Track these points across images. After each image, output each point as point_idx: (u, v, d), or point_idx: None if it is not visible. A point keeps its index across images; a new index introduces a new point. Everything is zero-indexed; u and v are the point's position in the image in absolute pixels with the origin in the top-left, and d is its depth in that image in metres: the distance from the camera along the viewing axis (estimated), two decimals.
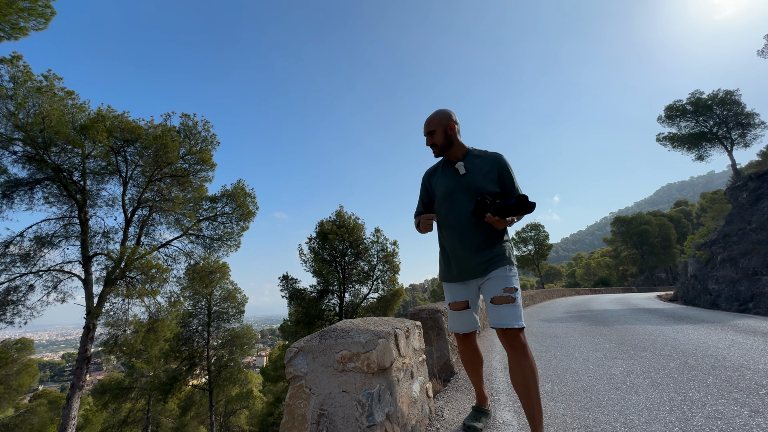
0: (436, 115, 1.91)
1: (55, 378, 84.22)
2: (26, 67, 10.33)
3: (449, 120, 1.89)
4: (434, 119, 1.90)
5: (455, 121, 1.91)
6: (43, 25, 8.59)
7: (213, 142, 13.76)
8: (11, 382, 18.66)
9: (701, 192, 58.84)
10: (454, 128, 1.90)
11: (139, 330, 11.96)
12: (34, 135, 10.39)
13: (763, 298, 8.58)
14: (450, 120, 1.89)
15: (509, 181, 1.86)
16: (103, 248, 12.25)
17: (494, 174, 1.84)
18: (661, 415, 2.11)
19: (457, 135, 1.92)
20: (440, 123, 1.89)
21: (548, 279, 65.53)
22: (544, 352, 4.38)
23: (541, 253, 40.51)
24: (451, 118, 1.90)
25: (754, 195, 12.62)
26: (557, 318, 8.48)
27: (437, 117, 1.90)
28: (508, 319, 1.67)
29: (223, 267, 18.51)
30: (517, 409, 2.43)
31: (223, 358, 20.21)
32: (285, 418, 1.36)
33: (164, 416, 22.54)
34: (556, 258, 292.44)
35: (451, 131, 1.89)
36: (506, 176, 1.85)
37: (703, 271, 12.15)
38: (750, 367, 2.99)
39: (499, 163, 1.85)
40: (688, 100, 23.72)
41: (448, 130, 1.89)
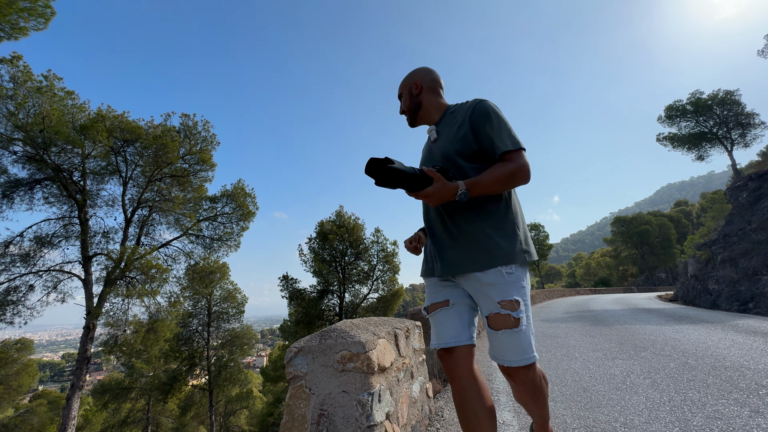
0: (405, 78, 1.51)
1: (55, 378, 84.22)
2: (26, 67, 10.34)
3: (413, 78, 1.46)
4: (402, 82, 1.50)
5: (421, 78, 1.44)
6: (43, 25, 8.60)
7: (213, 142, 13.77)
8: (11, 382, 18.66)
9: (701, 192, 58.87)
10: (420, 86, 1.43)
11: (139, 330, 11.96)
12: (34, 135, 10.39)
13: (764, 298, 8.58)
14: (414, 77, 1.45)
15: (487, 133, 1.23)
16: (103, 248, 12.25)
17: (466, 128, 1.27)
18: (662, 416, 2.11)
19: (430, 94, 1.43)
20: (405, 84, 1.47)
21: (548, 279, 65.53)
22: (545, 352, 4.38)
23: (541, 253, 40.49)
24: (417, 74, 1.46)
25: (754, 195, 12.62)
26: (557, 318, 8.48)
27: (404, 79, 1.50)
28: (507, 353, 1.18)
29: (223, 267, 18.50)
30: (518, 409, 2.43)
31: (223, 359, 20.21)
32: (285, 418, 1.36)
33: (164, 416, 22.54)
34: (556, 258, 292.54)
35: (417, 90, 1.43)
36: (482, 129, 1.23)
37: (703, 271, 12.15)
38: (750, 367, 2.98)
39: (473, 111, 1.27)
40: (689, 100, 23.74)
41: (413, 89, 1.44)
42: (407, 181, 1.12)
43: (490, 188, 1.16)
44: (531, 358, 1.18)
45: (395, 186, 1.13)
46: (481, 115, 1.25)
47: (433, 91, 1.44)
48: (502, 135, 1.21)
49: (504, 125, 1.23)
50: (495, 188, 1.17)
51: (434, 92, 1.45)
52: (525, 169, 1.18)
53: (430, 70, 1.47)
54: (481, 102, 1.28)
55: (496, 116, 1.24)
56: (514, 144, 1.19)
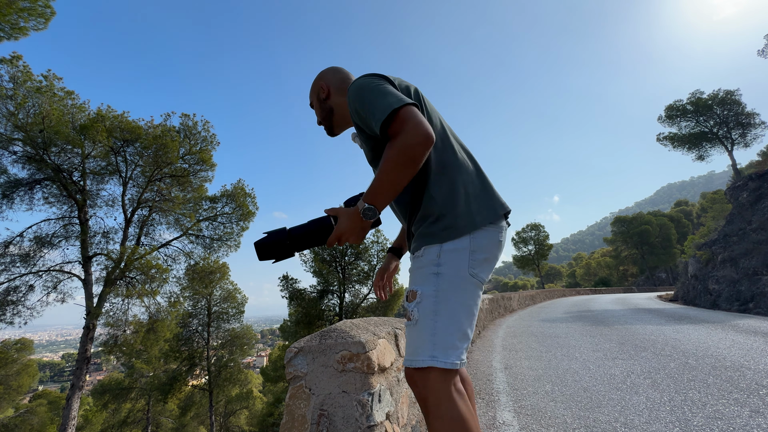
0: (312, 84, 1.28)
1: (55, 378, 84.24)
2: (26, 67, 10.34)
3: (319, 82, 1.24)
4: (310, 89, 1.28)
5: (327, 79, 1.23)
6: (43, 25, 8.60)
7: (213, 142, 13.77)
8: (11, 383, 18.66)
9: (701, 192, 58.90)
10: (327, 89, 1.22)
11: (139, 330, 11.96)
12: (33, 135, 10.39)
13: (764, 298, 8.58)
14: (319, 81, 1.24)
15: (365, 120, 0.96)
16: (103, 248, 12.26)
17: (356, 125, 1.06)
18: (662, 416, 2.10)
19: (340, 95, 1.20)
20: (312, 91, 1.27)
21: (548, 279, 65.55)
22: (545, 352, 4.38)
23: (541, 253, 40.55)
24: (322, 77, 1.24)
25: (755, 195, 12.62)
26: (557, 318, 8.48)
27: (311, 85, 1.28)
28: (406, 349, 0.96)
29: (223, 267, 18.50)
30: (518, 409, 2.43)
31: (223, 359, 20.21)
32: (285, 419, 1.35)
33: (164, 416, 22.55)
34: (557, 258, 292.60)
35: (324, 94, 1.22)
36: (360, 117, 0.99)
37: (703, 271, 12.15)
38: (750, 367, 2.98)
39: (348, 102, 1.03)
40: (689, 99, 23.74)
41: (321, 94, 1.23)
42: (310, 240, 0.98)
43: (387, 187, 0.87)
44: (415, 362, 0.90)
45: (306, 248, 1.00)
46: (352, 102, 1.00)
47: (344, 91, 1.20)
48: (374, 109, 0.90)
49: (374, 96, 0.92)
50: (392, 183, 0.86)
51: (345, 92, 1.20)
52: (409, 136, 0.83)
53: (336, 68, 1.26)
54: (351, 89, 1.01)
55: (361, 91, 0.96)
56: (384, 110, 0.87)
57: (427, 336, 0.90)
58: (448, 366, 0.88)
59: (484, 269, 0.97)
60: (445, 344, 0.89)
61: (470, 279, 0.94)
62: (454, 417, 0.85)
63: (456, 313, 0.92)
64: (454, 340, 0.90)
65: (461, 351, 0.91)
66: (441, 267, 0.93)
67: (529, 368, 3.57)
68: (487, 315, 7.82)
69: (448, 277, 0.93)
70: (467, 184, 1.00)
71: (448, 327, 0.91)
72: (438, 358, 0.88)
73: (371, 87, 0.95)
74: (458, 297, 0.93)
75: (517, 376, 3.32)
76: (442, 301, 0.92)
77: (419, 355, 0.90)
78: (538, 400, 2.59)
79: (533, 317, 9.11)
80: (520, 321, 8.40)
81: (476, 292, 0.96)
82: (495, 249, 0.99)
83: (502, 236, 1.01)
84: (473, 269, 0.94)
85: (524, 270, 43.30)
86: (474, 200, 0.98)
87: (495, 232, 0.98)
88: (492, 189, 1.05)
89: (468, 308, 0.94)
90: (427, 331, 0.91)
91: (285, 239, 0.97)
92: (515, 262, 42.62)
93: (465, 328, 0.93)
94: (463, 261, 0.94)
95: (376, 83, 0.96)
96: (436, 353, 0.88)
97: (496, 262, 1.03)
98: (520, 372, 3.45)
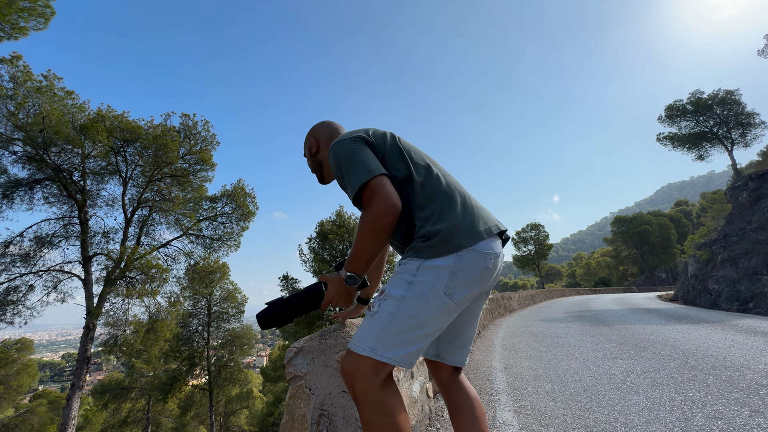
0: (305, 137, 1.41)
1: (55, 378, 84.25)
2: (26, 67, 10.34)
3: (310, 137, 1.36)
4: (304, 142, 1.41)
5: (318, 135, 1.35)
6: (42, 25, 8.60)
7: (213, 142, 13.77)
8: (11, 382, 18.67)
9: (701, 192, 58.91)
10: (318, 144, 1.34)
11: (139, 330, 11.97)
12: (34, 135, 10.39)
13: (764, 298, 8.58)
14: (311, 137, 1.36)
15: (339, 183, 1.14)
16: (103, 248, 12.26)
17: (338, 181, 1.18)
18: (662, 415, 2.11)
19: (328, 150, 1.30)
20: (306, 144, 1.40)
21: (548, 279, 65.57)
22: (545, 352, 4.38)
23: (541, 253, 40.54)
24: (313, 132, 1.36)
25: (755, 195, 12.62)
26: (557, 318, 8.48)
27: (305, 138, 1.40)
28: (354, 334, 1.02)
29: (223, 267, 18.52)
30: (518, 409, 2.43)
31: (223, 358, 20.23)
32: (285, 418, 1.36)
33: (164, 416, 22.56)
34: (557, 258, 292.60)
35: (315, 149, 1.34)
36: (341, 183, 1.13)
37: (703, 271, 12.15)
38: (750, 367, 2.98)
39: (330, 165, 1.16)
40: (689, 99, 23.75)
41: (312, 148, 1.35)
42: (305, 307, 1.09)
43: (363, 255, 0.97)
44: (356, 347, 0.95)
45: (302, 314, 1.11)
46: (332, 165, 1.12)
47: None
48: (347, 179, 1.02)
49: (347, 166, 1.03)
50: (368, 251, 0.97)
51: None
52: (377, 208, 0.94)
53: (326, 123, 1.37)
54: (329, 151, 1.13)
55: (337, 158, 1.07)
56: (356, 183, 0.98)
57: (376, 330, 0.95)
58: (384, 360, 0.93)
59: (462, 291, 0.99)
60: (389, 342, 0.94)
61: (443, 297, 0.97)
62: (380, 409, 0.90)
63: (413, 320, 0.95)
64: (401, 340, 0.95)
65: (405, 353, 0.95)
66: (416, 278, 0.98)
67: (529, 368, 3.57)
68: (487, 315, 7.82)
69: (420, 289, 0.97)
70: (453, 210, 1.04)
71: (399, 329, 0.95)
72: (377, 351, 0.93)
73: (346, 155, 1.05)
74: (422, 308, 0.96)
75: (517, 375, 3.32)
76: (404, 307, 0.96)
77: (362, 343, 0.95)
78: (538, 399, 2.59)
79: (533, 317, 9.11)
80: (520, 321, 8.41)
81: (446, 310, 0.99)
82: (480, 273, 1.01)
83: (491, 263, 1.03)
84: (449, 289, 0.97)
85: (524, 270, 43.31)
86: (460, 224, 1.02)
87: (481, 257, 1.01)
88: (476, 213, 1.08)
89: (429, 320, 0.97)
90: (378, 325, 0.95)
91: (282, 309, 1.09)
92: (515, 262, 42.63)
93: (418, 334, 0.96)
94: (440, 279, 0.97)
95: (350, 151, 1.05)
96: (377, 347, 0.93)
97: (482, 286, 1.06)
98: (520, 372, 3.45)
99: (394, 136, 1.17)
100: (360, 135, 1.11)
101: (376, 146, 1.11)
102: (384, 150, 1.12)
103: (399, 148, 1.13)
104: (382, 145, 1.12)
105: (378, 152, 1.10)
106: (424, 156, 1.18)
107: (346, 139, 1.09)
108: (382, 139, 1.14)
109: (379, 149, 1.11)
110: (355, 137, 1.10)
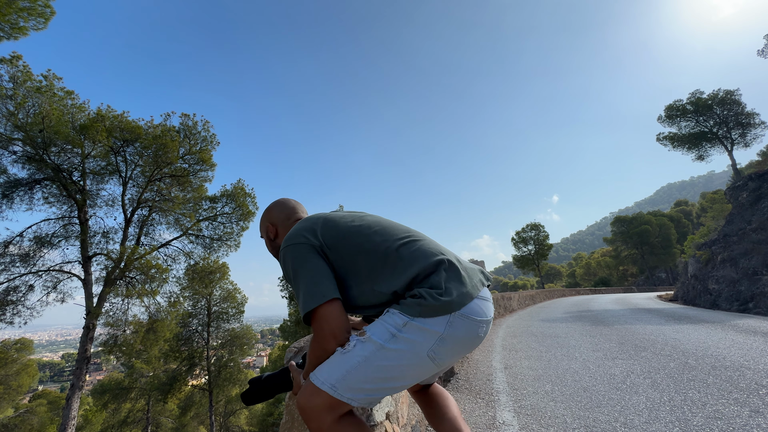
0: (260, 219, 1.36)
1: (54, 378, 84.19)
2: (26, 67, 10.34)
3: (266, 222, 1.31)
4: (260, 225, 1.35)
5: (274, 219, 1.29)
6: (42, 25, 8.60)
7: (213, 142, 13.77)
8: (11, 382, 18.66)
9: (701, 192, 58.93)
10: (275, 229, 1.28)
11: (139, 330, 11.96)
12: (33, 135, 10.39)
13: (764, 298, 8.58)
14: (267, 221, 1.31)
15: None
16: (103, 248, 12.25)
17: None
18: (662, 415, 2.10)
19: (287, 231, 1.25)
20: (262, 228, 1.33)
21: (548, 279, 65.55)
22: (545, 352, 4.38)
23: (541, 253, 40.51)
24: (269, 216, 1.31)
25: (755, 195, 12.63)
26: (557, 318, 8.48)
27: (260, 221, 1.35)
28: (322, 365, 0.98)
29: (223, 267, 18.52)
30: (518, 409, 2.42)
31: (223, 359, 20.23)
32: (285, 419, 1.35)
33: (164, 416, 22.55)
34: (556, 258, 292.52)
35: (273, 234, 1.29)
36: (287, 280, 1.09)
37: (703, 271, 12.15)
38: (750, 367, 2.98)
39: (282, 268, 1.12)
40: (689, 99, 23.74)
41: (269, 233, 1.29)
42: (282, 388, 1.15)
43: (317, 363, 0.97)
44: (316, 379, 0.93)
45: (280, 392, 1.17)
46: (283, 272, 1.08)
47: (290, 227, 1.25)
48: (297, 297, 0.99)
49: (297, 283, 1.00)
50: (319, 362, 0.97)
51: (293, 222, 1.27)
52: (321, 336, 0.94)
53: (281, 204, 1.31)
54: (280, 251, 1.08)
55: (286, 270, 1.04)
56: (302, 309, 0.96)
57: (343, 369, 0.92)
58: (343, 400, 0.91)
59: (446, 356, 0.95)
60: (352, 385, 0.91)
61: (425, 358, 0.93)
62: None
63: (386, 372, 0.92)
64: (364, 387, 0.92)
65: (367, 397, 0.93)
66: (401, 333, 0.92)
67: (529, 368, 3.57)
68: None
69: (402, 345, 0.92)
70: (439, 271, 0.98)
71: (368, 376, 0.91)
72: (337, 389, 0.91)
73: (294, 270, 1.01)
74: (398, 364, 0.93)
75: (517, 375, 3.32)
76: (381, 357, 0.92)
77: (324, 377, 0.92)
78: (537, 399, 2.59)
79: (533, 317, 9.11)
80: (519, 321, 8.41)
81: (426, 370, 0.96)
82: (470, 342, 0.97)
83: (483, 330, 0.99)
84: (433, 353, 0.93)
85: (524, 270, 43.29)
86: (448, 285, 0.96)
87: (474, 325, 0.96)
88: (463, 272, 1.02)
89: (402, 376, 0.94)
90: (347, 365, 0.92)
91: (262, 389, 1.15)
92: (515, 262, 42.61)
93: (385, 386, 0.94)
94: (426, 341, 0.92)
95: (298, 264, 1.01)
96: (338, 386, 0.91)
97: (469, 351, 1.02)
98: (520, 372, 3.45)
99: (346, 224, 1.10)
100: (308, 239, 1.04)
101: (327, 248, 1.05)
102: (337, 249, 1.04)
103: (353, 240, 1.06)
104: (333, 242, 1.05)
105: (329, 254, 1.04)
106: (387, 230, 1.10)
107: (295, 245, 1.04)
108: (333, 235, 1.06)
109: (332, 249, 1.05)
110: (304, 243, 1.03)
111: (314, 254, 1.03)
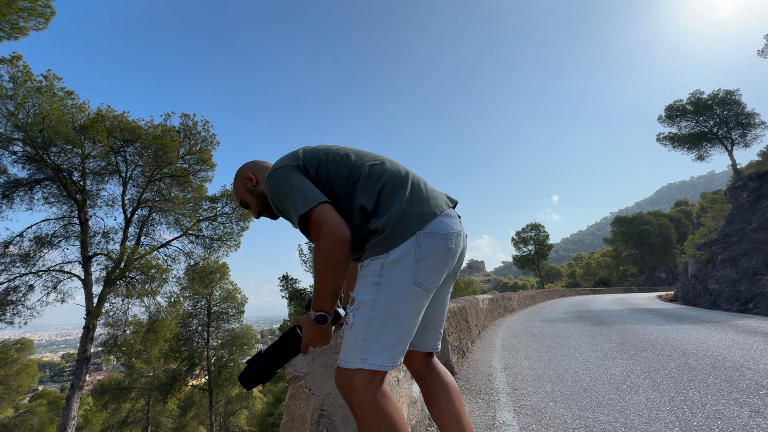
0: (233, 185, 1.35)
1: (54, 378, 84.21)
2: (26, 67, 10.35)
3: (241, 175, 1.29)
4: (234, 190, 1.35)
5: (250, 170, 1.29)
6: (42, 25, 8.60)
7: (213, 142, 13.78)
8: (11, 383, 18.68)
9: (701, 192, 58.95)
10: (253, 177, 1.27)
11: (139, 330, 11.97)
12: (33, 135, 10.39)
13: (764, 298, 8.58)
14: (241, 175, 1.29)
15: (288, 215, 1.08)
16: (103, 248, 12.26)
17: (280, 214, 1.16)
18: (662, 416, 2.10)
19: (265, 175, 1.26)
20: (237, 190, 1.31)
21: (548, 279, 65.58)
22: (545, 352, 4.38)
23: (541, 253, 40.54)
24: (243, 171, 1.30)
25: (755, 195, 12.63)
26: (557, 318, 8.48)
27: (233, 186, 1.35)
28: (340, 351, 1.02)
29: (223, 267, 18.52)
30: (518, 409, 2.43)
31: (223, 359, 20.23)
32: (285, 419, 1.36)
33: (164, 416, 22.55)
34: (557, 258, 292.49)
35: (253, 183, 1.27)
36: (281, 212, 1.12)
37: (703, 271, 12.15)
38: (750, 367, 2.98)
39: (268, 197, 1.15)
40: (689, 99, 23.74)
41: (249, 184, 1.27)
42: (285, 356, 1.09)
43: (327, 291, 0.97)
44: (345, 363, 0.95)
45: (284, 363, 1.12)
46: (270, 198, 1.10)
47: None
48: (288, 209, 1.02)
49: (286, 196, 1.01)
50: (330, 286, 0.97)
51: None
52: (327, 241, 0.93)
53: (253, 162, 1.34)
54: (265, 184, 1.11)
55: (275, 192, 1.06)
56: (295, 215, 0.98)
57: (359, 340, 0.95)
58: (376, 368, 0.93)
59: (429, 277, 0.99)
60: (375, 348, 0.94)
61: (413, 288, 0.97)
62: (379, 418, 0.91)
63: (392, 319, 0.96)
64: (385, 344, 0.95)
65: (393, 354, 0.96)
66: (383, 277, 0.96)
67: (529, 368, 3.57)
68: (487, 315, 7.82)
69: (389, 286, 0.96)
70: (399, 195, 1.03)
71: (381, 332, 0.95)
72: (367, 360, 0.93)
73: (281, 187, 1.04)
74: (397, 304, 0.96)
75: (517, 376, 3.32)
76: (379, 308, 0.95)
77: (350, 357, 0.95)
78: (538, 400, 2.59)
79: (533, 317, 9.11)
80: (520, 321, 8.41)
81: (420, 300, 1.00)
82: (444, 256, 1.01)
83: (453, 243, 1.03)
84: (417, 278, 0.97)
85: (524, 270, 43.31)
86: (407, 208, 1.01)
87: (442, 240, 1.00)
88: (424, 195, 1.06)
89: (406, 315, 0.97)
90: (359, 335, 0.95)
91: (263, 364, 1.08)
92: (515, 262, 42.63)
93: (400, 332, 0.97)
94: (406, 271, 0.96)
95: (284, 180, 1.04)
96: (365, 356, 0.93)
97: (449, 268, 1.06)
98: (520, 372, 3.45)
99: (329, 152, 1.15)
100: (291, 162, 1.10)
101: (309, 166, 1.09)
102: (318, 166, 1.10)
103: (332, 158, 1.12)
104: (314, 161, 1.11)
105: (311, 171, 1.09)
106: (360, 153, 1.16)
107: (278, 168, 1.08)
108: (313, 155, 1.12)
109: (313, 167, 1.09)
110: (286, 165, 1.08)
111: (299, 172, 1.07)
